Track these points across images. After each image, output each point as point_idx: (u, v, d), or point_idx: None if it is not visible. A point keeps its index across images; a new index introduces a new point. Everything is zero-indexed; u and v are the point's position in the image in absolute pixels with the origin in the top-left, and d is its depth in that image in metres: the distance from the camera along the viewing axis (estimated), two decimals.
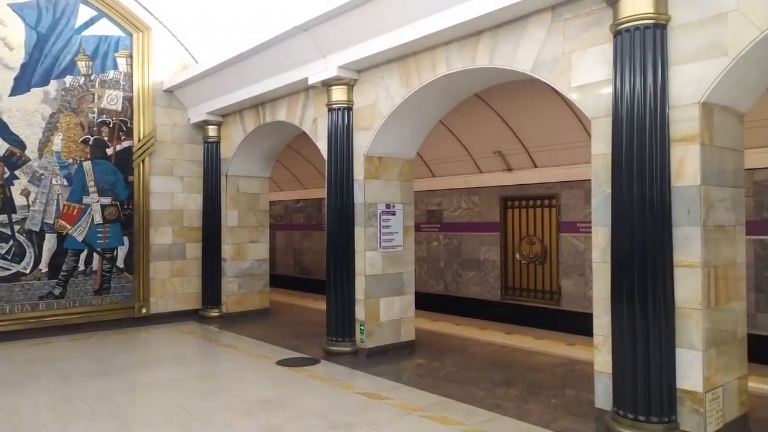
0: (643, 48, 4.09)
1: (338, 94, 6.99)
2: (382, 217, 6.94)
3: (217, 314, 9.77)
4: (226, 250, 9.93)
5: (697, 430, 3.95)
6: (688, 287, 4.03)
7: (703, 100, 4.01)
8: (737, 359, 4.35)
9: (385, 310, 6.94)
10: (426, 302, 11.73)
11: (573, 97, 4.80)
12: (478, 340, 7.67)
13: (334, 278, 6.89)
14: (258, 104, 8.91)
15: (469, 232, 11.77)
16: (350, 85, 6.99)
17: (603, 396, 4.43)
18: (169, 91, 9.86)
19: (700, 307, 3.98)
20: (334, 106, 7.00)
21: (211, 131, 9.87)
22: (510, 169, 10.88)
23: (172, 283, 9.85)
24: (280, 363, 6.61)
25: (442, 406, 4.95)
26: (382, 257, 6.94)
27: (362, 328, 6.80)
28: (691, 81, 4.05)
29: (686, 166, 4.07)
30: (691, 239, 4.03)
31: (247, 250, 10.16)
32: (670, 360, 4.03)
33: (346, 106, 6.98)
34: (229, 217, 9.97)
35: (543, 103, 8.81)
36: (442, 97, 6.57)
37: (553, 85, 4.98)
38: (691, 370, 3.99)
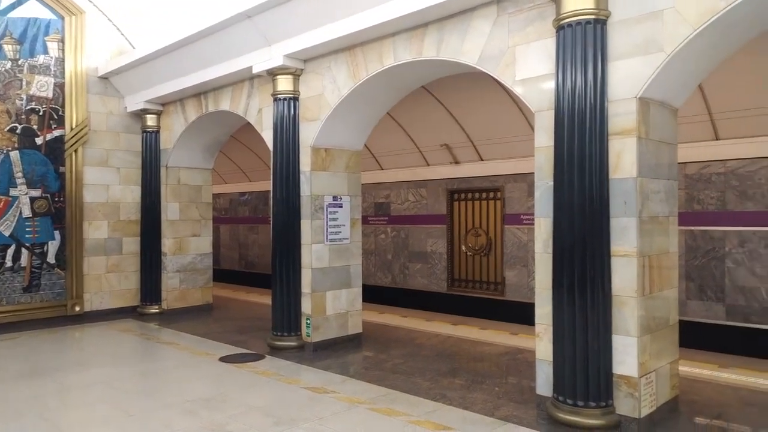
0: (584, 43, 4.19)
1: (284, 83, 6.84)
2: (329, 209, 6.86)
3: (157, 311, 9.42)
4: (167, 244, 9.58)
5: (632, 414, 4.11)
6: (624, 276, 4.17)
7: (639, 94, 4.14)
8: (670, 344, 4.54)
9: (332, 304, 6.88)
10: (374, 295, 11.76)
11: (517, 90, 4.86)
12: (424, 331, 7.72)
13: (280, 272, 6.76)
14: (200, 93, 8.62)
15: (417, 224, 11.84)
16: (296, 75, 6.85)
17: (544, 383, 4.53)
18: (105, 78, 9.39)
19: (635, 295, 4.13)
20: (279, 96, 6.85)
21: (150, 120, 9.47)
22: (457, 162, 11.00)
23: (108, 279, 9.42)
24: (224, 359, 6.43)
25: (389, 398, 4.95)
26: (329, 250, 6.86)
27: (308, 322, 6.71)
28: (628, 76, 4.17)
29: (623, 159, 4.19)
30: (628, 230, 4.17)
31: (188, 244, 9.84)
32: (607, 347, 4.16)
33: (292, 96, 6.84)
34: (170, 210, 9.62)
35: (489, 96, 8.93)
36: (389, 89, 6.54)
37: (498, 79, 5.03)
38: (626, 356, 4.14)
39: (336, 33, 6.01)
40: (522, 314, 8.77)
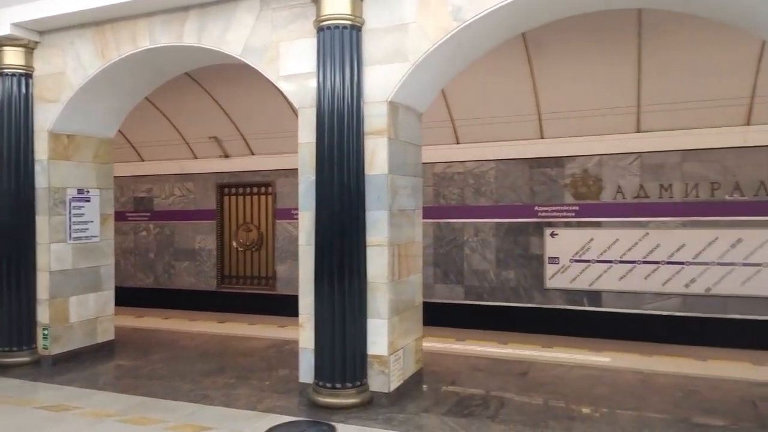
0: (341, 46, 4.43)
1: (12, 56, 5.82)
2: (73, 203, 6.06)
3: None
4: None
5: (383, 389, 4.51)
6: (377, 264, 4.55)
7: (390, 98, 4.55)
8: (415, 324, 5.09)
9: (77, 310, 6.09)
10: (133, 297, 10.80)
11: (281, 86, 4.93)
12: (188, 332, 7.36)
13: (8, 277, 5.75)
14: None
15: (183, 220, 11.19)
16: (29, 48, 5.89)
17: (306, 371, 4.70)
18: None
19: (387, 281, 4.53)
20: (6, 70, 5.81)
21: None
22: (227, 156, 10.70)
23: None
24: None
25: (143, 407, 4.59)
26: (73, 250, 6.06)
27: (46, 333, 5.84)
28: (381, 81, 4.55)
29: (377, 156, 4.56)
30: (381, 222, 4.55)
31: None
32: (362, 330, 4.49)
33: (23, 71, 5.86)
34: None
35: (260, 90, 8.86)
36: (146, 73, 6.04)
37: (263, 73, 5.03)
38: (378, 337, 4.53)
39: (80, 5, 5.34)
40: (293, 307, 8.84)
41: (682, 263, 7.96)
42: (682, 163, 7.93)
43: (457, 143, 9.15)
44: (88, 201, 6.21)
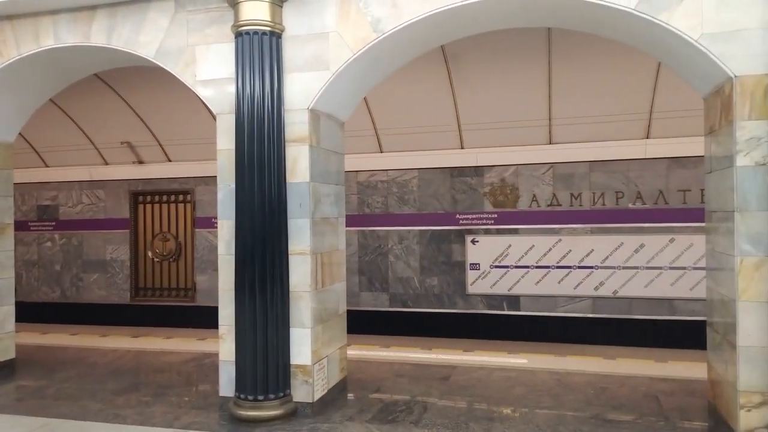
0: (261, 52, 4.36)
1: None
2: None
3: None
4: None
5: (307, 399, 4.46)
6: (300, 273, 4.50)
7: (311, 106, 4.53)
8: (339, 332, 5.08)
9: None
10: (38, 313, 10.07)
11: (199, 91, 4.80)
12: (99, 348, 6.93)
13: None
14: None
15: (93, 230, 10.56)
16: None
17: (227, 384, 4.56)
18: None
19: (310, 290, 4.49)
20: None
21: None
22: (141, 162, 10.23)
23: None
24: None
25: (48, 429, 4.27)
26: None
27: None
28: (301, 88, 4.52)
29: (299, 164, 4.53)
30: (303, 230, 4.51)
31: None
32: (285, 340, 4.42)
33: None
34: None
35: (176, 95, 8.50)
36: (51, 73, 5.66)
37: (178, 77, 4.87)
38: (302, 347, 4.47)
39: None
40: (214, 319, 8.62)
41: (591, 267, 8.44)
42: (589, 174, 8.44)
43: (381, 152, 9.25)
44: None
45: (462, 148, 8.89)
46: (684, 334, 7.77)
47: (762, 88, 3.64)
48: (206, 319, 9.48)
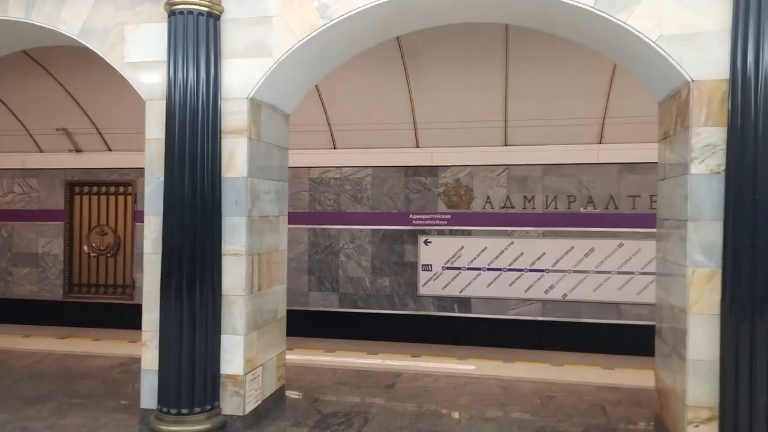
0: (196, 34, 3.99)
1: None
2: None
3: None
4: None
5: (237, 412, 4.12)
6: (234, 275, 4.16)
7: (251, 95, 4.19)
8: (277, 337, 4.75)
9: None
10: None
11: (127, 74, 4.39)
12: (18, 350, 6.37)
13: None
14: None
15: (25, 221, 9.88)
16: None
17: (149, 395, 4.17)
18: None
19: (244, 294, 4.16)
20: None
21: None
22: (79, 151, 9.61)
23: None
24: None
25: None
26: None
27: None
28: (241, 76, 4.18)
29: (236, 157, 4.18)
30: (238, 228, 4.17)
31: None
32: (216, 348, 4.07)
33: None
34: None
35: (117, 78, 7.92)
36: None
37: (105, 58, 4.44)
38: (233, 355, 4.13)
39: None
40: None
41: (542, 271, 8.38)
42: (543, 177, 8.37)
43: (335, 148, 8.94)
44: None
45: (417, 147, 8.68)
46: (630, 338, 7.78)
47: (720, 93, 3.52)
48: None
